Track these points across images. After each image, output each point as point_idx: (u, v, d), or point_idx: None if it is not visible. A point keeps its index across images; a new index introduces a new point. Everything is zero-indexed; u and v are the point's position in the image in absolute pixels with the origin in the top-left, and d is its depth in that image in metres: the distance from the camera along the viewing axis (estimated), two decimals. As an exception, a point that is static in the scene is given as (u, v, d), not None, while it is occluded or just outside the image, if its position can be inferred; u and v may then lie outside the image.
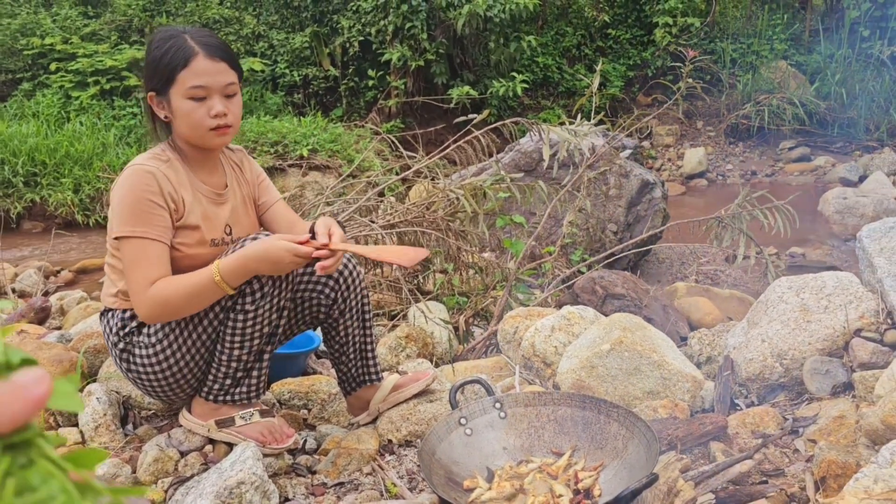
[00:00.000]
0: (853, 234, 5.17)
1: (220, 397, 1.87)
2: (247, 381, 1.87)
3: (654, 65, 10.34)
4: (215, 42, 1.78)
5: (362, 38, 9.44)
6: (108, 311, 1.88)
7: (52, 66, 8.57)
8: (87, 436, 1.98)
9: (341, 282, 1.96)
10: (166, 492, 1.79)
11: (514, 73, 9.04)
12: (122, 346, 1.85)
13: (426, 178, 3.75)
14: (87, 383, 2.19)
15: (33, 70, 8.86)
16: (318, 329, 2.27)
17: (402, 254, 1.86)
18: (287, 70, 9.66)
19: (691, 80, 4.22)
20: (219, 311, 1.75)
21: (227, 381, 1.85)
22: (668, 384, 2.14)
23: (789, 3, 10.54)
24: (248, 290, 1.73)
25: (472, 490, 1.61)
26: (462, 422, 1.79)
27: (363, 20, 9.40)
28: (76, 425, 2.03)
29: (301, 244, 1.68)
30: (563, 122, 3.65)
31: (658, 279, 4.87)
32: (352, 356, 2.05)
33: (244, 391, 1.88)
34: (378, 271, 3.47)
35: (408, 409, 2.07)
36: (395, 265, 3.05)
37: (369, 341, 2.07)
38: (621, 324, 2.30)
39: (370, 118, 9.12)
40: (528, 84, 9.49)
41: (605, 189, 4.92)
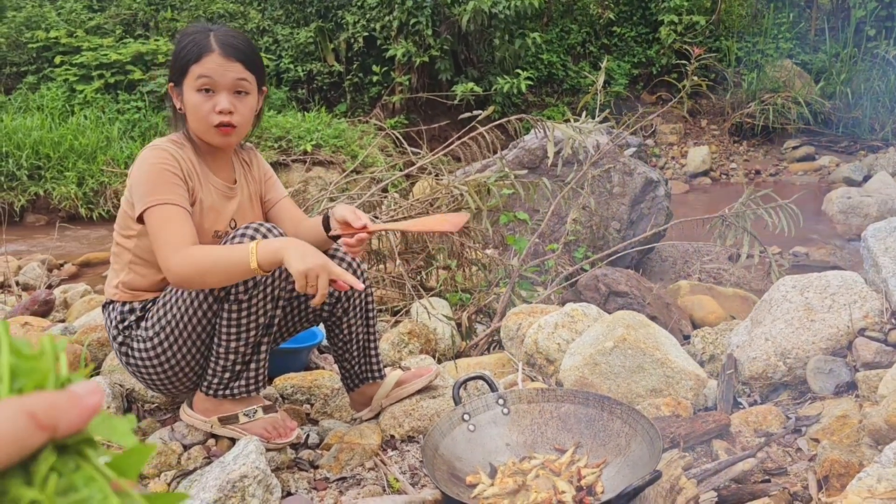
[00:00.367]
0: (857, 233, 5.17)
1: (219, 391, 1.86)
2: (245, 375, 1.86)
3: (659, 63, 10.32)
4: (236, 43, 1.78)
5: (367, 33, 9.44)
6: (110, 303, 1.89)
7: (57, 60, 8.58)
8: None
9: (345, 278, 1.96)
10: (169, 485, 1.80)
11: (519, 70, 9.02)
12: (121, 339, 1.85)
13: (430, 174, 3.75)
14: (91, 376, 2.19)
15: (38, 63, 8.87)
16: (321, 324, 2.28)
17: (443, 221, 1.84)
18: (291, 65, 9.66)
19: (696, 78, 4.21)
20: (212, 302, 1.74)
21: (226, 375, 1.84)
22: (672, 382, 2.14)
23: (795, 2, 10.51)
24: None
25: (474, 486, 1.61)
26: (465, 418, 1.79)
27: (368, 16, 9.40)
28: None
29: (345, 229, 1.76)
30: (568, 120, 3.65)
31: (661, 277, 4.87)
32: (355, 353, 2.05)
33: (243, 385, 1.87)
34: (381, 267, 3.47)
35: (410, 404, 2.08)
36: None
37: (372, 338, 2.07)
38: (624, 321, 2.30)
39: (374, 114, 9.12)
40: (533, 81, 9.48)
41: (609, 187, 4.92)
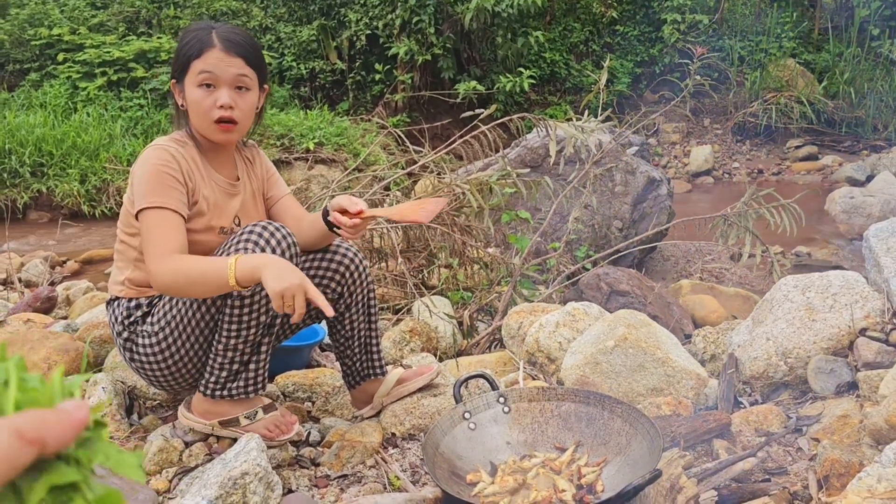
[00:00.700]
0: (859, 233, 5.15)
1: (217, 392, 1.83)
2: (244, 376, 1.82)
3: (662, 62, 10.31)
4: (237, 39, 1.78)
5: (369, 31, 9.44)
6: (115, 299, 1.89)
7: (60, 57, 8.59)
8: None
9: (347, 276, 1.97)
10: (170, 481, 1.80)
11: (522, 69, 9.02)
12: (125, 335, 1.85)
13: (432, 172, 3.75)
14: (93, 373, 2.20)
15: (41, 60, 8.88)
16: (323, 322, 2.28)
17: (417, 209, 1.85)
18: (294, 63, 9.66)
19: (699, 77, 4.20)
20: (216, 298, 1.74)
21: (223, 374, 1.81)
22: (672, 381, 2.14)
23: (798, 1, 10.48)
24: None
25: (475, 484, 1.62)
26: (466, 416, 1.79)
27: (371, 14, 9.39)
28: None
29: (342, 214, 1.82)
30: (570, 119, 3.64)
31: (663, 276, 4.86)
32: (356, 350, 2.05)
33: (241, 386, 1.83)
34: (383, 265, 3.48)
35: (411, 402, 2.08)
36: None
37: (374, 335, 2.07)
38: (626, 320, 2.30)
39: (376, 112, 9.12)
40: (535, 80, 9.47)
41: (611, 186, 4.91)
